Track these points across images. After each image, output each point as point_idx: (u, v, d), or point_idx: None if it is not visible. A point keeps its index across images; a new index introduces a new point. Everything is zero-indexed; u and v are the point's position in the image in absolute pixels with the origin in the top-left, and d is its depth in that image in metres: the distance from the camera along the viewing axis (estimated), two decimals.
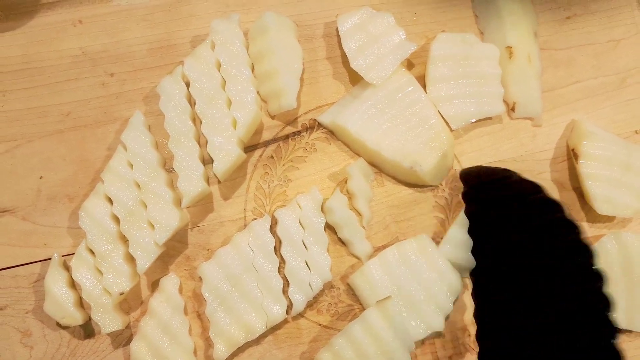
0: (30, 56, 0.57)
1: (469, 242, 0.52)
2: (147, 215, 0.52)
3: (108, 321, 0.51)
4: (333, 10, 0.60)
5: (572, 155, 0.59)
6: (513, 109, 0.60)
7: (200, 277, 0.54)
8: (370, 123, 0.56)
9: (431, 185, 0.58)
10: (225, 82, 0.55)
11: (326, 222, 0.55)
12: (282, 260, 0.54)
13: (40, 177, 0.55)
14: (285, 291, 0.54)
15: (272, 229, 0.55)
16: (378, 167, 0.58)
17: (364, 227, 0.56)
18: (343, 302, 0.56)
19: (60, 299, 0.51)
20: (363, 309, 0.55)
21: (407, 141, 0.56)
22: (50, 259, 0.53)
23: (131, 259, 0.53)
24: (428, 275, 0.54)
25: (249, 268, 0.53)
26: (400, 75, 0.57)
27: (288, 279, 0.54)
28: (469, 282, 0.55)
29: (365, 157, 0.58)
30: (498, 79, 0.59)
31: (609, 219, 0.59)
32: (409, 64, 0.60)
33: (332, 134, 0.58)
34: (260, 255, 0.53)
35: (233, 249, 0.54)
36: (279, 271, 0.54)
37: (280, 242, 0.55)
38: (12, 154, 0.55)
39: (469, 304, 0.56)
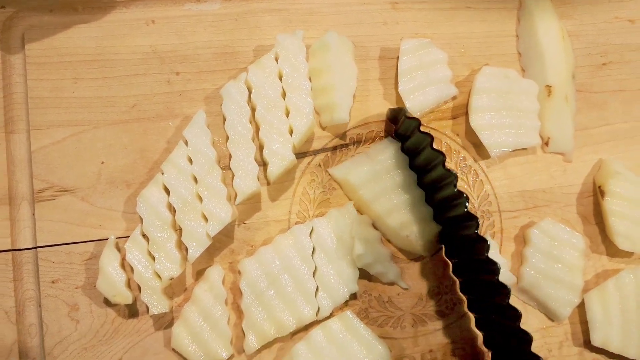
0: (104, 48, 0.63)
1: None
2: (201, 208, 0.58)
3: (156, 303, 0.57)
4: (388, 35, 0.67)
5: (597, 192, 0.66)
6: (547, 144, 0.67)
7: (239, 271, 0.59)
8: (378, 186, 0.61)
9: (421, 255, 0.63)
10: (284, 92, 0.61)
11: None
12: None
13: (102, 162, 0.61)
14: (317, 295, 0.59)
15: (310, 235, 0.61)
16: (376, 226, 0.62)
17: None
18: (374, 308, 0.61)
19: (113, 278, 0.56)
20: (393, 315, 0.61)
21: (408, 211, 0.61)
22: (104, 239, 0.59)
23: (182, 248, 0.58)
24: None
25: (287, 269, 0.59)
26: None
27: (318, 285, 0.59)
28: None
29: (367, 215, 0.62)
30: (536, 114, 0.66)
31: (628, 254, 0.65)
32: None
33: None
34: (298, 258, 0.59)
35: (274, 249, 0.59)
36: (313, 275, 0.59)
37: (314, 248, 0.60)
38: (78, 138, 0.61)
39: None
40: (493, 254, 0.60)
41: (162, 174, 0.59)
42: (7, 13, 0.62)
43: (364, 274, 0.61)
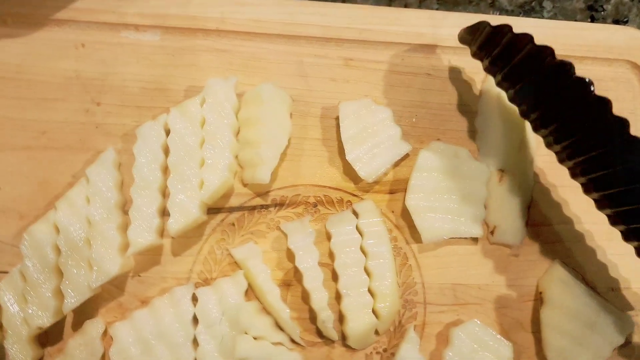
0: (25, 67, 0.61)
1: None
2: (88, 255, 0.55)
3: (19, 353, 0.53)
4: (334, 93, 0.64)
5: (540, 298, 0.60)
6: (492, 233, 0.62)
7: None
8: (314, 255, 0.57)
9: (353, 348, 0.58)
10: (204, 141, 0.58)
11: None
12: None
13: None
14: None
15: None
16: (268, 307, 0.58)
17: None
18: None
19: None
20: None
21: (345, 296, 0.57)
22: None
23: (61, 295, 0.55)
24: None
25: (162, 336, 0.54)
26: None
27: (196, 356, 0.55)
28: None
29: (257, 291, 0.58)
30: (482, 202, 0.61)
31: None
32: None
33: (300, 216, 0.61)
34: (176, 324, 0.55)
35: (149, 312, 0.55)
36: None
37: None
38: None
39: None
40: (409, 349, 0.56)
41: (56, 210, 0.56)
42: None
43: None
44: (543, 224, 0.64)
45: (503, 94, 0.62)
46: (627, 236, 0.54)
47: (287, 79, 0.63)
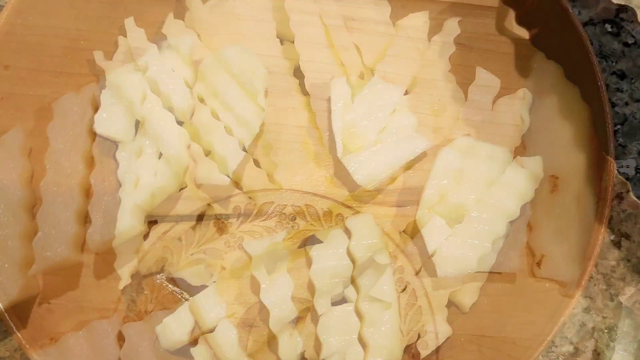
0: None
1: None
2: None
3: None
4: (328, 65, 0.50)
5: None
6: (539, 264, 0.47)
7: None
8: None
9: None
10: (144, 123, 0.44)
11: None
12: None
13: None
14: None
15: None
16: None
17: None
18: None
19: None
20: None
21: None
22: None
23: None
24: None
25: None
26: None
27: None
28: None
29: None
30: (524, 224, 0.47)
31: None
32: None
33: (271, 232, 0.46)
34: None
35: (59, 353, 0.44)
36: None
37: None
38: None
39: None
40: None
41: None
42: None
43: None
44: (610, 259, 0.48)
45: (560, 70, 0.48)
46: None
47: (264, 43, 0.50)
